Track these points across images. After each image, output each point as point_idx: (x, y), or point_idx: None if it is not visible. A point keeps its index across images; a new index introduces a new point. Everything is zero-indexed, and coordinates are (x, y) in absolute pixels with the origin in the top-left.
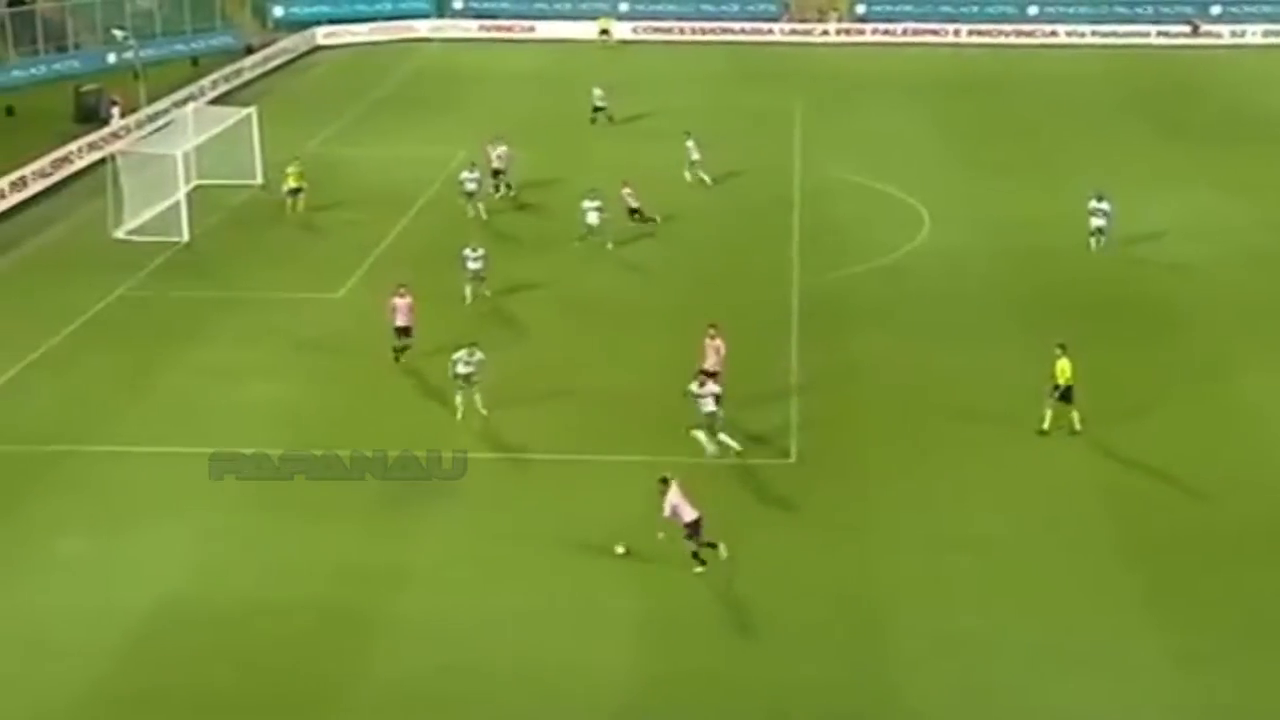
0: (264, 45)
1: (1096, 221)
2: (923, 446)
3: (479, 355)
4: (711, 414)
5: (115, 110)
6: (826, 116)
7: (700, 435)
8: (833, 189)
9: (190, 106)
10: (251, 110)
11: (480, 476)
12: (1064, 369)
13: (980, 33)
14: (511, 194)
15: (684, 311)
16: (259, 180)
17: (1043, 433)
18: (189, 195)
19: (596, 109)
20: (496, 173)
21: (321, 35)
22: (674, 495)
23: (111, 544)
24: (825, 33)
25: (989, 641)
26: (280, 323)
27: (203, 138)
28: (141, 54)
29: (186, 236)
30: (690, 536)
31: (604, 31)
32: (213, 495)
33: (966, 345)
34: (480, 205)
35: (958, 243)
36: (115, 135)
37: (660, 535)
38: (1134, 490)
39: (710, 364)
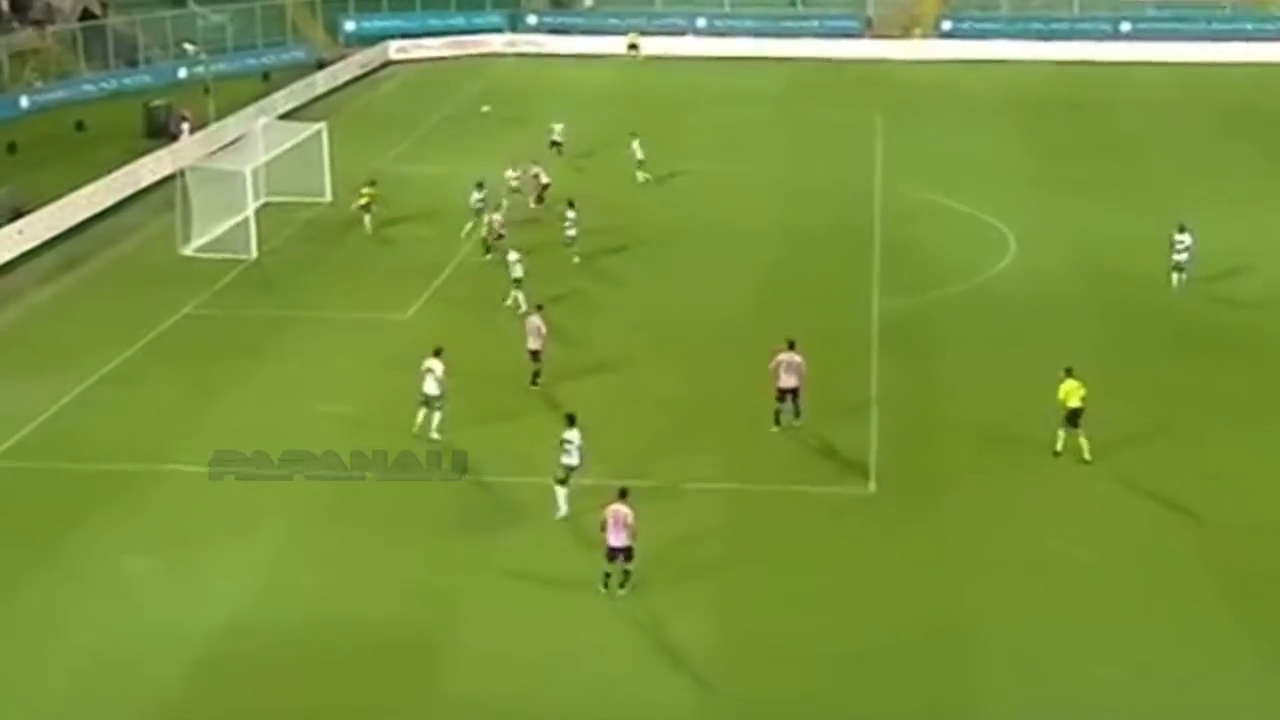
0: (335, 60)
1: (1177, 257)
2: (1005, 473)
3: (435, 369)
4: (570, 467)
5: (185, 126)
6: (909, 134)
7: (559, 491)
8: (914, 209)
9: (260, 122)
10: (321, 126)
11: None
12: (1070, 392)
13: (1070, 50)
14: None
15: (759, 331)
16: (327, 197)
17: (1056, 454)
18: (257, 212)
19: (554, 143)
20: (543, 189)
21: (393, 50)
22: (614, 512)
23: (178, 563)
24: (911, 48)
25: (1075, 671)
26: (347, 343)
27: (272, 154)
28: (212, 69)
29: (254, 254)
30: (611, 559)
31: (632, 46)
32: (279, 514)
33: (1050, 372)
34: (485, 222)
35: (1044, 266)
36: (184, 150)
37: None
38: (1221, 520)
39: (788, 381)
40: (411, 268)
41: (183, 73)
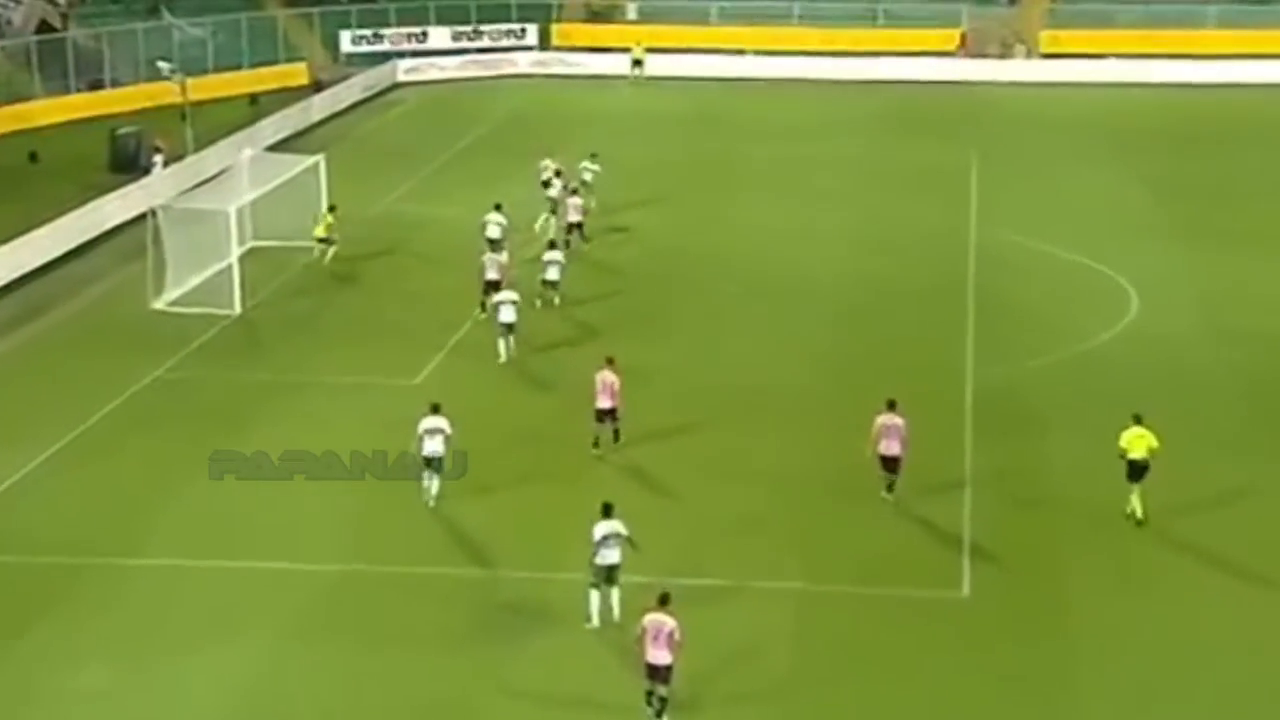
0: (335, 81)
1: None
2: (1121, 577)
3: (444, 428)
4: (607, 568)
5: (158, 158)
6: (1009, 171)
7: (592, 596)
8: (1016, 259)
9: (246, 154)
10: (319, 158)
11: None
12: (1134, 441)
13: (1196, 72)
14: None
15: (833, 399)
16: (329, 205)
17: (1130, 517)
18: (242, 259)
19: (581, 182)
20: (572, 227)
21: (403, 70)
22: (654, 623)
23: (141, 676)
24: (1011, 69)
25: None
26: (346, 414)
27: (260, 191)
28: (191, 91)
29: (238, 308)
30: (651, 678)
31: (637, 63)
32: (261, 618)
33: (1180, 453)
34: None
35: (1172, 328)
36: (157, 186)
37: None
38: None
39: (890, 448)
40: (423, 323)
41: (155, 96)
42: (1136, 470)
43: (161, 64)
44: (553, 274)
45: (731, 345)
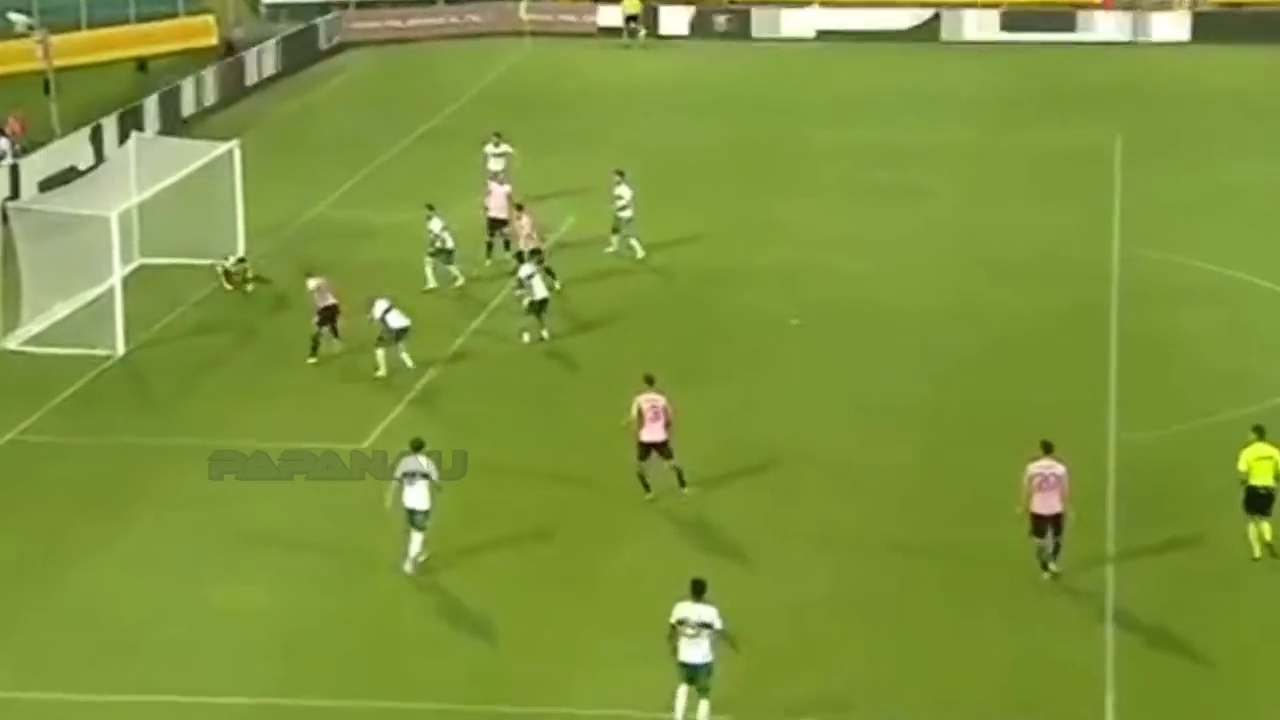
0: (253, 42)
1: None
2: None
3: (428, 471)
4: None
5: (6, 139)
6: (1165, 161)
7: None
8: (1174, 283)
9: (133, 139)
10: (232, 145)
11: None
12: (1256, 464)
13: None
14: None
15: (932, 470)
16: (238, 257)
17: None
18: (128, 281)
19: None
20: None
21: (348, 24)
22: None
23: None
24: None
25: None
26: (269, 490)
27: (152, 189)
28: (56, 53)
29: (121, 348)
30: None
31: (631, 19)
32: None
33: None
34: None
35: None
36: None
37: None
38: None
39: (1047, 505)
40: (373, 367)
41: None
42: (1259, 500)
43: (13, 15)
44: (540, 291)
45: (791, 394)
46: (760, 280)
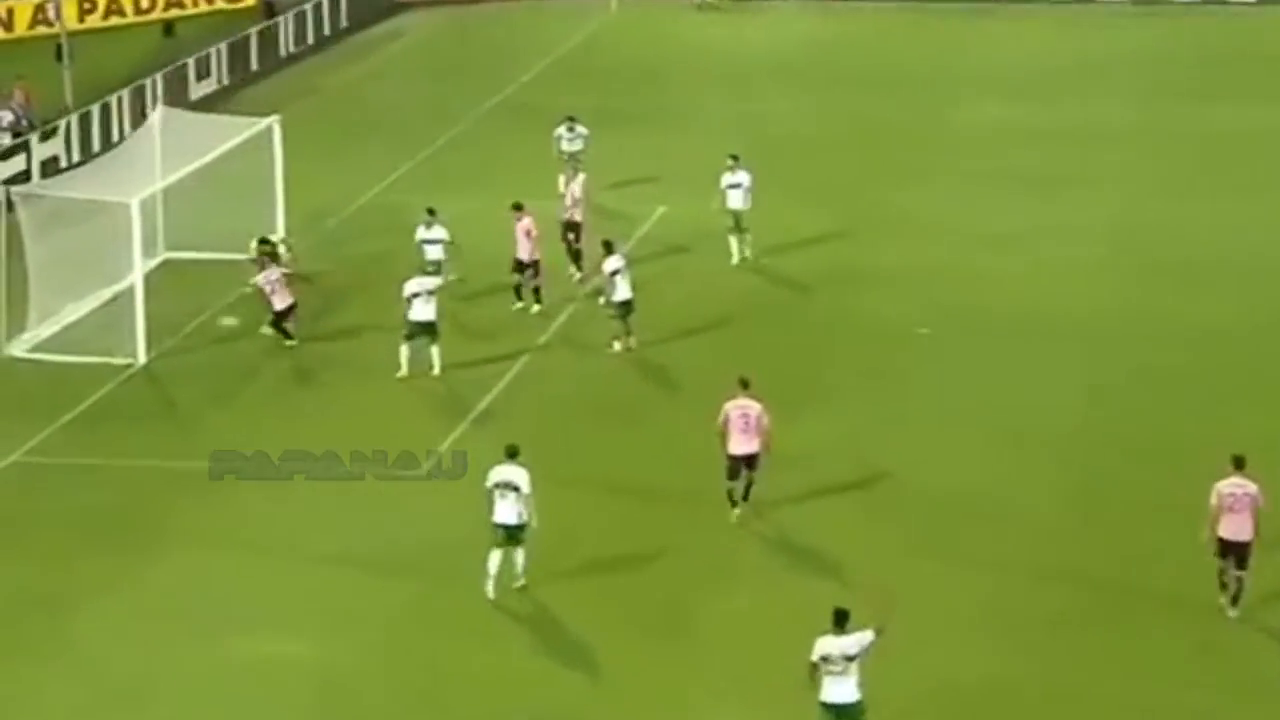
0: (296, 2)
1: None
2: None
3: (519, 483)
4: None
5: (12, 112)
6: None
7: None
8: None
9: (158, 113)
10: (272, 121)
11: None
12: None
13: None
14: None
15: (1099, 514)
16: (283, 251)
17: None
18: (151, 279)
19: (567, 154)
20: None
21: None
22: None
23: None
24: None
25: None
26: (311, 521)
27: (180, 172)
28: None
29: (143, 356)
30: None
31: None
32: None
33: None
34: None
35: None
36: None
37: None
38: None
39: (1239, 529)
40: (431, 388)
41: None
42: None
43: None
44: (624, 290)
45: (919, 416)
46: (883, 282)
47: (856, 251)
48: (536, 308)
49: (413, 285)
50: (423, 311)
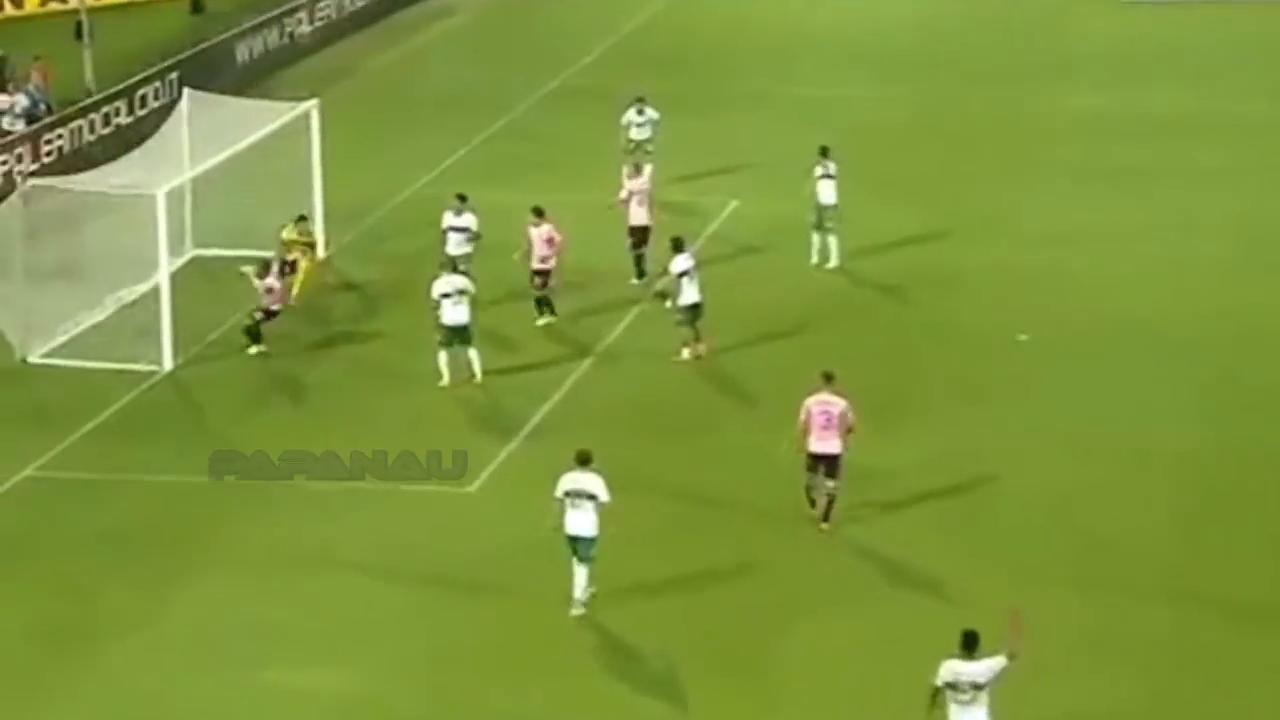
0: None
1: None
2: None
3: (595, 491)
4: None
5: (21, 97)
6: None
7: None
8: None
9: (185, 97)
10: (310, 106)
11: None
12: None
13: None
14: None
15: (1219, 547)
16: (318, 247)
17: None
18: (178, 278)
19: (634, 143)
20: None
21: None
22: None
23: None
24: None
25: None
26: (351, 540)
27: (209, 162)
28: None
29: (169, 362)
30: None
31: None
32: None
33: None
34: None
35: None
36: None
37: None
38: None
39: None
40: (481, 398)
41: None
42: None
43: None
44: (692, 293)
45: (1015, 433)
46: (978, 285)
47: (948, 251)
48: (548, 320)
49: (441, 285)
50: (454, 314)
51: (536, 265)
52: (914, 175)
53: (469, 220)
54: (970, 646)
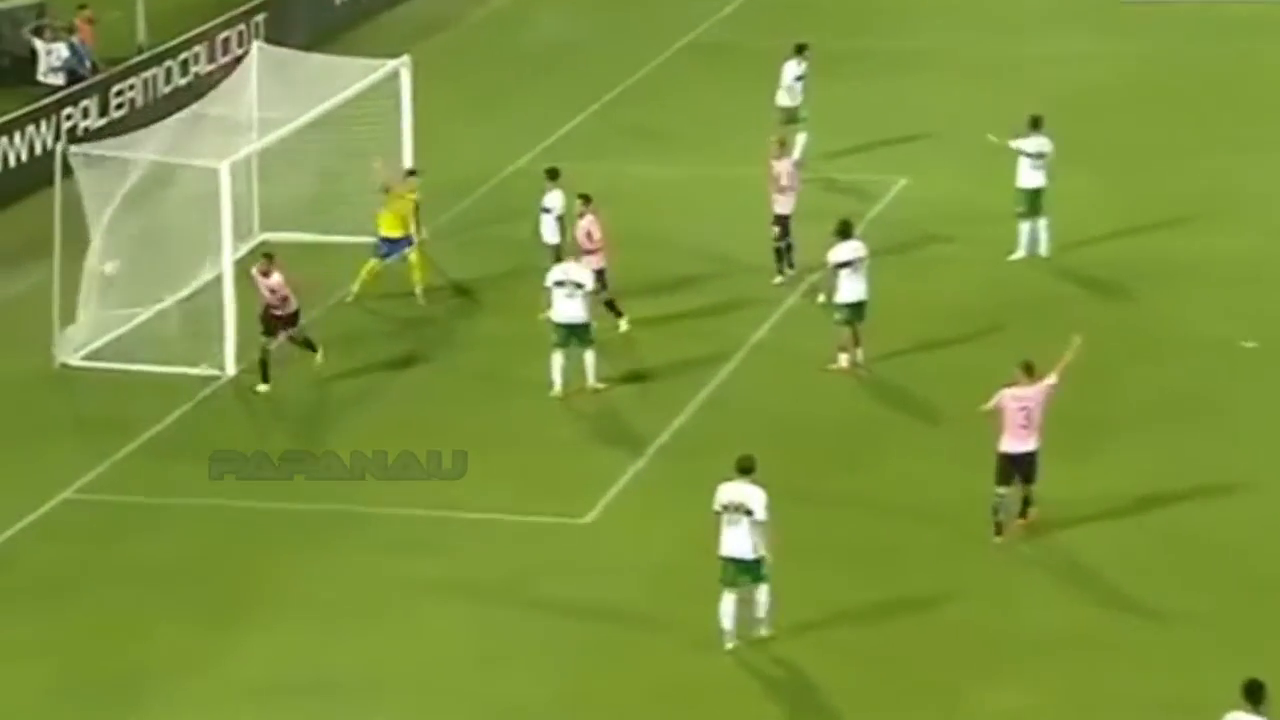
0: None
1: None
2: None
3: (753, 506)
4: None
5: (67, 48)
6: None
7: None
8: None
9: (253, 52)
10: (399, 65)
11: None
12: None
13: None
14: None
15: None
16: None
17: None
18: (243, 264)
19: (787, 110)
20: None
21: None
22: None
23: None
24: None
25: None
26: (442, 575)
27: (281, 130)
28: None
29: (232, 366)
30: None
31: None
32: None
33: None
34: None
35: None
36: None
37: None
38: None
39: None
40: (598, 400)
41: None
42: None
43: None
44: (855, 290)
45: (1247, 453)
46: (1202, 280)
47: (1167, 241)
48: (626, 326)
49: (556, 273)
50: (566, 309)
51: (593, 264)
52: (1126, 146)
53: (554, 201)
54: (1255, 698)
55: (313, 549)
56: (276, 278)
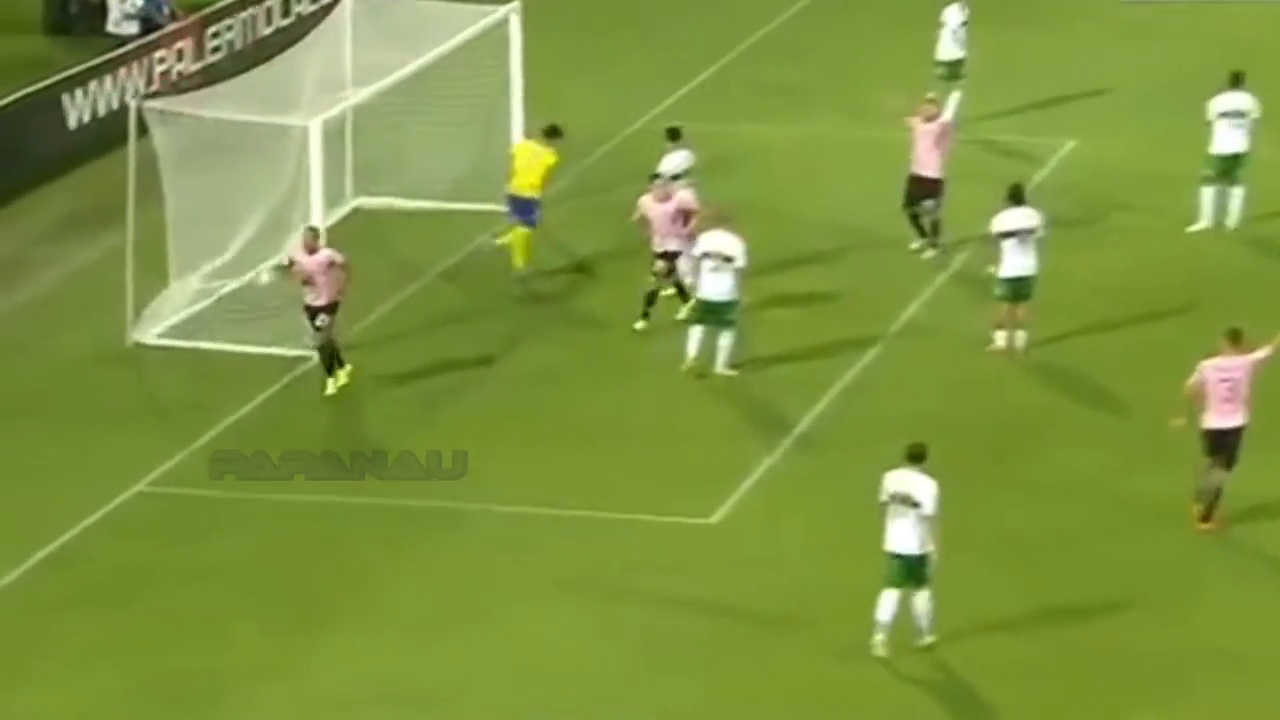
0: None
1: None
2: None
3: (921, 499)
4: None
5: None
6: None
7: None
8: None
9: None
10: (509, 10)
11: None
12: None
13: None
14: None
15: None
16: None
17: None
18: (334, 234)
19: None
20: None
21: None
22: None
23: None
24: None
25: None
26: (547, 578)
27: (377, 85)
28: None
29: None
30: None
31: None
32: None
33: None
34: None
35: None
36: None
37: None
38: None
39: None
40: (730, 389)
41: None
42: None
43: None
44: (1021, 263)
45: None
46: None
47: None
48: (685, 311)
49: (704, 243)
50: (714, 285)
51: (661, 248)
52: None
53: (678, 161)
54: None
55: (407, 547)
56: (321, 256)
